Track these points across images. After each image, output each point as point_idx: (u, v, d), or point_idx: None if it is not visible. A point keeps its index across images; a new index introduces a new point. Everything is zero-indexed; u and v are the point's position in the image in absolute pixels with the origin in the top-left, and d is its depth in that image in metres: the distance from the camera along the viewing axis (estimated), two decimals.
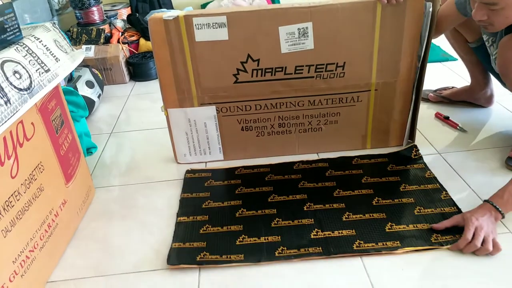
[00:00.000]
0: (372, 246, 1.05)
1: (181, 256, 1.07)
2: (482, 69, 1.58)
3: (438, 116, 1.63)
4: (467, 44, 1.52)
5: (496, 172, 1.30)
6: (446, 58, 2.18)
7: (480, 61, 1.55)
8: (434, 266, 1.00)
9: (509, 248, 1.03)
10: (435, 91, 1.76)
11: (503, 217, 1.06)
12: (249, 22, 1.25)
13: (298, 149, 1.47)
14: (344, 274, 1.00)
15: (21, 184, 0.95)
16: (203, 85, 1.34)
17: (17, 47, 0.96)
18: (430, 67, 2.02)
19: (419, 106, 1.41)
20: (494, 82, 1.59)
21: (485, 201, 1.08)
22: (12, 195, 0.92)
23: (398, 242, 1.06)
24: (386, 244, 1.05)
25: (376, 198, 1.22)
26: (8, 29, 0.96)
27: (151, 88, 2.15)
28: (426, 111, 1.68)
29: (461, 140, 1.49)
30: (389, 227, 1.11)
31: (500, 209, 1.05)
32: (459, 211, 1.15)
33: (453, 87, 1.76)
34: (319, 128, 1.43)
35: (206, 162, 1.47)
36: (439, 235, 1.07)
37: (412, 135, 1.47)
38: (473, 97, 1.67)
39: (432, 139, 1.49)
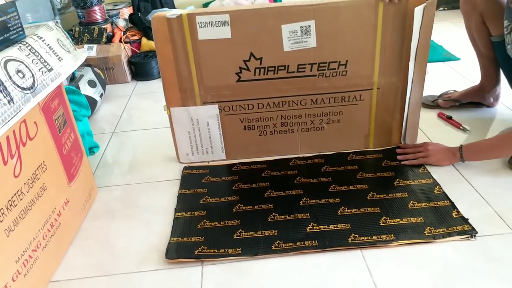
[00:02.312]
0: (367, 239, 1.07)
1: (179, 250, 1.08)
2: (496, 67, 1.57)
3: (441, 116, 1.63)
4: (489, 38, 1.50)
5: (499, 172, 1.30)
6: (449, 57, 2.17)
7: (496, 59, 1.54)
8: (431, 260, 1.00)
9: (509, 248, 1.03)
10: (440, 96, 1.74)
11: (462, 161, 1.31)
12: (252, 20, 1.24)
13: (300, 149, 1.46)
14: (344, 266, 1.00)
15: (24, 183, 0.95)
16: (206, 84, 1.34)
17: (20, 46, 0.96)
18: (433, 67, 2.04)
19: (418, 106, 1.40)
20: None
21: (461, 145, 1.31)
22: (15, 194, 0.92)
23: (392, 235, 1.08)
24: (380, 238, 1.07)
25: (371, 193, 1.24)
26: (11, 28, 0.96)
27: (153, 88, 2.15)
28: (429, 111, 1.67)
29: (463, 140, 1.48)
30: (384, 221, 1.13)
31: (462, 154, 1.29)
32: (452, 204, 1.17)
33: (454, 91, 1.74)
34: (322, 128, 1.43)
35: (208, 162, 1.47)
36: (432, 228, 1.09)
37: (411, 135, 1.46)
38: (482, 97, 1.65)
39: (435, 139, 1.48)
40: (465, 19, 1.56)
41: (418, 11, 1.21)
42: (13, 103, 0.86)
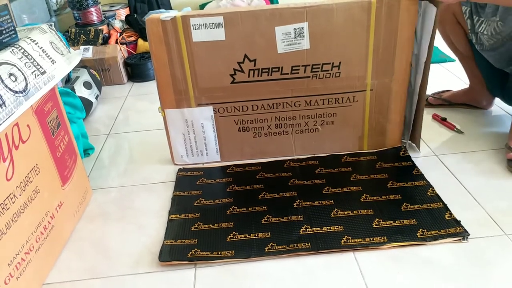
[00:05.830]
0: (359, 241, 1.07)
1: (172, 253, 1.08)
2: None
3: (435, 117, 1.63)
4: (466, 37, 1.50)
5: (491, 174, 1.30)
6: (444, 59, 2.17)
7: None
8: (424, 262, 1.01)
9: (503, 251, 1.03)
10: (433, 94, 1.74)
11: None
12: (245, 22, 1.25)
13: (295, 151, 1.46)
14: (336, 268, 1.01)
15: (17, 186, 0.95)
16: (200, 86, 1.34)
17: (12, 49, 0.96)
18: None
19: (422, 108, 1.38)
20: None
21: None
22: (7, 197, 0.92)
23: (384, 237, 1.08)
24: (373, 240, 1.08)
25: (364, 195, 1.24)
26: (4, 31, 0.96)
27: (149, 89, 2.15)
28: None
29: (458, 141, 1.48)
30: (376, 223, 1.13)
31: None
32: (445, 206, 1.17)
33: (449, 90, 1.75)
34: (316, 129, 1.43)
35: (203, 164, 1.47)
36: (425, 230, 1.09)
37: (414, 137, 1.45)
38: (474, 99, 1.65)
39: (429, 141, 1.49)
40: (438, 25, 1.51)
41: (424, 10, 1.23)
42: (5, 106, 0.86)
